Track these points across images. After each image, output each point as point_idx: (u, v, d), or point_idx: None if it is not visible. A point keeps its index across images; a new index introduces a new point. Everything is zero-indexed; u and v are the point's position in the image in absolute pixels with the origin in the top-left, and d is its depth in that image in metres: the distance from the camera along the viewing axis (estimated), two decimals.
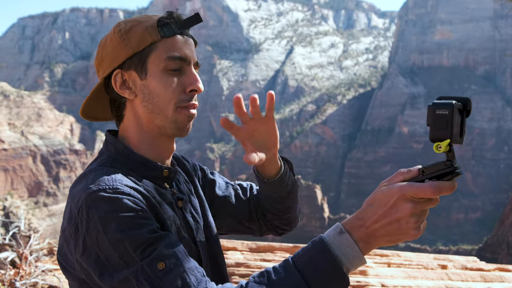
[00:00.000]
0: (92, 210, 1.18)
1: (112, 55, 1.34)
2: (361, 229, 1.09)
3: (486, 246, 60.69)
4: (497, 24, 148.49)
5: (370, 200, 1.10)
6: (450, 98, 1.09)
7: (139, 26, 1.34)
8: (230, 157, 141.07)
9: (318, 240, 1.13)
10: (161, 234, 1.20)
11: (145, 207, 1.23)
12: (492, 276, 5.93)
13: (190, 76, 1.35)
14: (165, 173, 1.38)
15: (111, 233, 1.16)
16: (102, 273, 1.18)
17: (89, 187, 1.22)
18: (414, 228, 1.06)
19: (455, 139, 1.06)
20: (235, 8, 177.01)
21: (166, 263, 1.15)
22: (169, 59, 1.32)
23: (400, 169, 1.11)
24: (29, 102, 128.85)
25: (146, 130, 1.37)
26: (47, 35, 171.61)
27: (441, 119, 1.04)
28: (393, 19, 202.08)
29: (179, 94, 1.33)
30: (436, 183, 1.04)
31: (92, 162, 1.38)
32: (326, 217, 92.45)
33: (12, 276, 4.87)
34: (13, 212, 71.86)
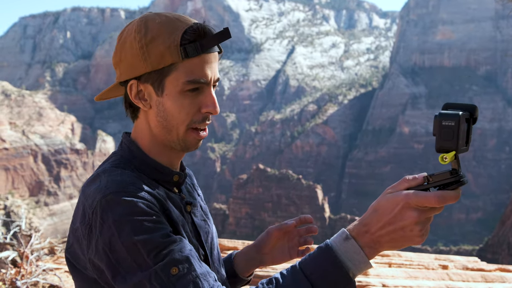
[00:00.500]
0: (106, 213, 1.19)
1: (130, 64, 1.31)
2: (366, 235, 1.11)
3: (487, 247, 60.68)
4: (499, 25, 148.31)
5: (375, 206, 1.11)
6: (457, 105, 1.08)
7: (161, 40, 1.27)
8: (231, 157, 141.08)
9: (324, 246, 1.14)
10: (174, 239, 1.20)
11: (159, 211, 1.23)
12: (493, 277, 5.93)
13: (208, 97, 1.32)
14: (175, 178, 1.39)
15: (125, 236, 1.17)
16: (114, 275, 1.18)
17: (104, 189, 1.22)
18: (419, 236, 1.08)
19: (460, 148, 1.06)
20: (236, 8, 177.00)
21: (179, 268, 1.16)
22: (188, 83, 1.29)
23: (405, 176, 1.11)
24: (30, 102, 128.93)
25: (157, 140, 1.37)
26: (48, 34, 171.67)
27: (447, 130, 1.04)
28: (394, 19, 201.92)
29: (193, 115, 1.32)
30: (441, 192, 1.05)
31: (104, 161, 1.39)
32: (327, 217, 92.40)
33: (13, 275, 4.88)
34: (14, 211, 71.93)
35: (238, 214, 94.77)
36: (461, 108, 1.07)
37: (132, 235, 1.16)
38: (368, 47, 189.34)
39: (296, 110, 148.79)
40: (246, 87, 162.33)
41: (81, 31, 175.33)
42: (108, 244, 1.18)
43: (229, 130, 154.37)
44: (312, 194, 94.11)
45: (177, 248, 1.19)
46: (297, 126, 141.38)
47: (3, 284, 4.74)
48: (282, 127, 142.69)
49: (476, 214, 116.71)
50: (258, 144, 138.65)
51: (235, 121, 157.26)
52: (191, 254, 1.20)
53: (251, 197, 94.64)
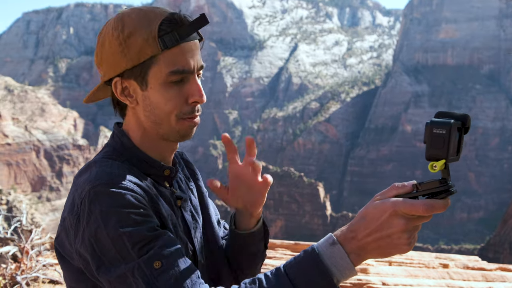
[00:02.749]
0: (94, 203, 1.19)
1: (111, 62, 1.31)
2: (353, 242, 1.10)
3: (488, 246, 60.60)
4: (502, 23, 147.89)
5: (363, 213, 1.11)
6: (449, 115, 1.07)
7: (138, 34, 1.27)
8: None
9: (310, 250, 1.13)
10: (160, 232, 1.20)
11: (147, 204, 1.23)
12: (494, 276, 5.91)
13: (193, 86, 1.31)
14: (166, 172, 1.38)
15: (111, 227, 1.17)
16: (98, 266, 1.19)
17: (93, 180, 1.22)
18: (406, 244, 1.08)
19: (451, 157, 1.05)
20: (240, 5, 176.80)
21: (162, 263, 1.16)
22: (171, 74, 1.28)
23: (394, 183, 1.11)
24: (33, 97, 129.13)
25: (149, 134, 1.37)
26: (51, 30, 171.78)
27: (438, 138, 1.04)
28: (398, 17, 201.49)
29: (181, 106, 1.31)
30: (429, 201, 1.05)
31: (98, 153, 1.39)
32: (329, 215, 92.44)
33: (14, 270, 4.88)
34: (16, 206, 72.09)
35: None
36: (453, 117, 1.07)
37: (118, 227, 1.17)
38: (371, 45, 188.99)
39: (299, 107, 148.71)
40: (249, 84, 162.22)
41: (84, 27, 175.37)
42: (94, 235, 1.18)
43: (231, 127, 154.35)
44: (314, 192, 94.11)
45: (162, 242, 1.18)
46: (300, 124, 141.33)
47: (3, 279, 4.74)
48: (285, 125, 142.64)
49: (478, 213, 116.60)
50: (260, 142, 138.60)
51: (238, 118, 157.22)
52: (176, 250, 1.20)
53: None
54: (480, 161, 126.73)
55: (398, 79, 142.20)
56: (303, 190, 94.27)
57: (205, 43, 18.94)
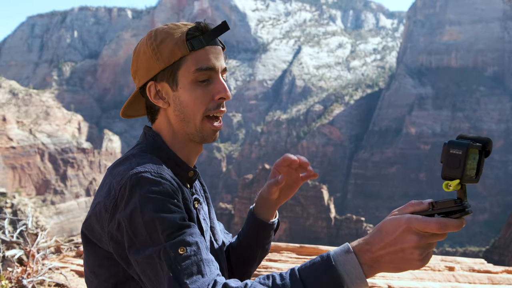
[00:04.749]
0: (135, 188, 1.28)
1: (146, 67, 1.45)
2: (367, 253, 1.13)
3: (493, 248, 60.41)
4: (506, 25, 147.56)
5: (380, 227, 1.13)
6: (469, 138, 1.07)
7: (169, 39, 1.43)
8: (237, 156, 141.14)
9: (326, 255, 1.16)
10: (189, 224, 1.29)
11: (180, 197, 1.33)
12: (500, 279, 5.90)
13: (218, 84, 1.45)
14: (190, 174, 1.50)
15: (147, 211, 1.25)
16: (130, 246, 1.27)
17: (134, 168, 1.33)
18: (418, 260, 1.09)
19: (468, 179, 1.05)
20: (243, 8, 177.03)
21: (187, 249, 1.23)
22: (198, 71, 1.42)
23: (411, 201, 1.13)
24: (38, 101, 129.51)
25: (177, 135, 1.49)
26: (55, 33, 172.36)
27: (454, 158, 1.04)
28: (401, 19, 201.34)
29: (208, 103, 1.44)
30: (443, 220, 1.06)
31: (129, 150, 1.49)
32: (333, 218, 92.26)
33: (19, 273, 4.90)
34: (21, 209, 72.27)
35: (244, 214, 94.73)
36: (475, 140, 1.07)
37: (152, 212, 1.25)
38: (374, 47, 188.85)
39: (302, 110, 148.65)
40: (253, 87, 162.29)
41: (88, 31, 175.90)
42: (129, 217, 1.26)
43: (235, 130, 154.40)
44: (318, 194, 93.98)
45: (189, 231, 1.27)
46: (303, 126, 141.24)
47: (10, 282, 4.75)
48: (288, 127, 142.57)
49: (483, 215, 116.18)
50: (264, 144, 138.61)
51: (241, 121, 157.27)
52: (200, 241, 1.28)
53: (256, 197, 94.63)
54: (485, 163, 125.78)
55: (402, 82, 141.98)
56: (307, 192, 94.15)
57: None
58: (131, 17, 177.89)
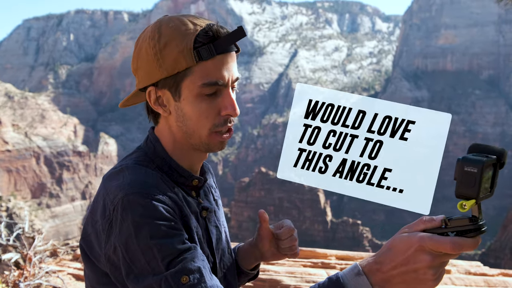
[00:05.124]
0: (127, 212, 1.19)
1: (147, 71, 1.31)
2: (378, 274, 1.09)
3: (489, 251, 60.54)
4: (502, 29, 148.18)
5: (390, 245, 1.09)
6: (485, 148, 1.04)
7: (174, 44, 1.26)
8: (233, 160, 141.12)
9: (335, 279, 1.12)
10: (189, 246, 1.21)
11: (177, 217, 1.24)
12: (496, 281, 5.91)
13: (226, 99, 1.30)
14: (194, 183, 1.39)
15: (142, 238, 1.18)
16: (128, 273, 1.20)
17: (126, 187, 1.22)
18: (432, 280, 1.06)
19: (483, 196, 1.02)
20: (239, 11, 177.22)
21: (190, 278, 1.16)
22: (204, 86, 1.27)
23: (423, 216, 1.09)
24: (33, 104, 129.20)
25: (180, 143, 1.37)
26: (51, 36, 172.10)
27: (469, 177, 1.00)
28: (397, 23, 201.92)
29: (214, 119, 1.30)
30: (458, 240, 1.02)
31: (128, 155, 1.39)
32: (329, 221, 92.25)
33: (16, 277, 4.89)
34: (16, 213, 71.97)
35: (240, 217, 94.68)
36: (489, 152, 1.03)
37: (148, 238, 1.17)
38: (370, 51, 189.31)
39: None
40: (249, 90, 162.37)
41: (84, 34, 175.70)
42: (125, 243, 1.19)
43: None
44: (314, 197, 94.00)
45: (190, 256, 1.19)
46: None
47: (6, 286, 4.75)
48: (285, 131, 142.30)
49: None
50: (261, 147, 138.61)
51: (238, 124, 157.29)
52: (203, 265, 1.20)
53: (253, 200, 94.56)
54: None
55: (397, 85, 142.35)
56: (304, 196, 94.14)
57: None
58: (127, 20, 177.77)
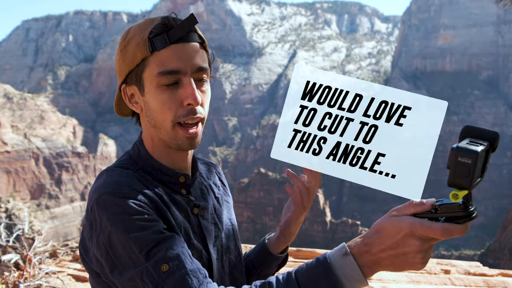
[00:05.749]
0: (102, 211, 1.23)
1: (119, 68, 1.36)
2: (366, 255, 1.10)
3: (488, 252, 60.54)
4: (500, 29, 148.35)
5: (379, 227, 1.10)
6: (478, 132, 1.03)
7: (134, 39, 1.31)
8: (233, 160, 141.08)
9: (322, 258, 1.13)
10: (167, 235, 1.22)
11: (151, 210, 1.25)
12: (495, 282, 5.92)
13: (186, 89, 1.30)
14: (181, 179, 1.40)
15: (119, 233, 1.21)
16: (112, 269, 1.23)
17: (100, 188, 1.26)
18: (420, 262, 1.07)
19: (476, 184, 1.02)
20: (238, 12, 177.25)
21: (169, 265, 1.18)
22: (160, 75, 1.28)
23: (412, 200, 1.10)
24: (32, 105, 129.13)
25: (157, 141, 1.39)
26: (50, 37, 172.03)
27: (462, 167, 1.00)
28: (396, 23, 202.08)
29: (176, 110, 1.30)
30: (448, 226, 1.03)
31: (117, 159, 1.44)
32: (328, 221, 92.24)
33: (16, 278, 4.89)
34: (15, 214, 71.91)
35: (240, 218, 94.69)
36: (482, 137, 1.02)
37: (125, 233, 1.20)
38: (369, 51, 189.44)
39: None
40: (248, 91, 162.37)
41: (83, 35, 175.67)
42: (107, 240, 1.22)
43: (231, 134, 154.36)
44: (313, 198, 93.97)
45: (168, 245, 1.21)
46: None
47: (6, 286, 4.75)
48: None
49: (478, 219, 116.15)
50: (260, 148, 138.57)
51: (237, 125, 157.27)
52: (182, 251, 1.22)
53: (252, 201, 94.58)
54: None
55: (396, 86, 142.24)
56: None
57: None
58: (126, 21, 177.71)
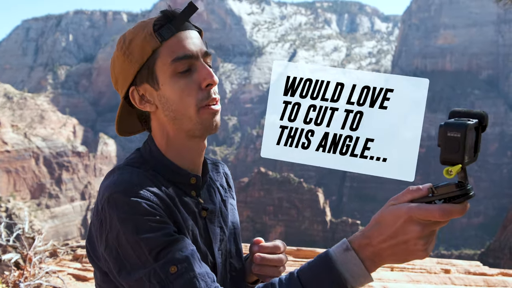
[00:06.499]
0: (112, 210, 1.22)
1: (123, 74, 1.35)
2: (367, 248, 1.08)
3: (488, 251, 60.53)
4: (501, 29, 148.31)
5: (378, 218, 1.08)
6: (464, 113, 1.03)
7: (137, 37, 1.32)
8: (233, 160, 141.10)
9: (324, 255, 1.11)
10: (177, 238, 1.22)
11: (163, 212, 1.24)
12: (495, 281, 5.92)
13: (202, 71, 1.32)
14: (192, 181, 1.39)
15: (129, 233, 1.20)
16: (120, 269, 1.22)
17: (112, 186, 1.25)
18: (422, 250, 1.05)
19: (468, 161, 1.01)
20: (239, 11, 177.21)
21: (178, 267, 1.17)
22: (175, 62, 1.30)
23: (409, 186, 1.08)
24: (32, 104, 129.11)
25: (173, 138, 1.37)
26: (50, 37, 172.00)
27: (452, 142, 0.99)
28: (396, 23, 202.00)
29: (197, 94, 1.31)
30: (446, 206, 1.01)
31: (127, 157, 1.42)
32: (328, 221, 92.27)
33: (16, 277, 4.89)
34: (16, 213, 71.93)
35: (240, 218, 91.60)
36: (469, 116, 1.02)
37: (135, 233, 1.19)
38: (370, 51, 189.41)
39: None
40: (248, 90, 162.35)
41: (83, 34, 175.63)
42: (116, 239, 1.21)
43: (231, 133, 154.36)
44: (314, 197, 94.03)
45: (178, 247, 1.20)
46: None
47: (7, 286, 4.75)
48: None
49: (478, 218, 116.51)
50: (260, 148, 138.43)
51: (237, 124, 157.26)
52: (191, 254, 1.21)
53: (252, 201, 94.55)
54: (480, 166, 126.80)
55: None
56: (303, 196, 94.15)
57: None
58: (126, 21, 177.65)
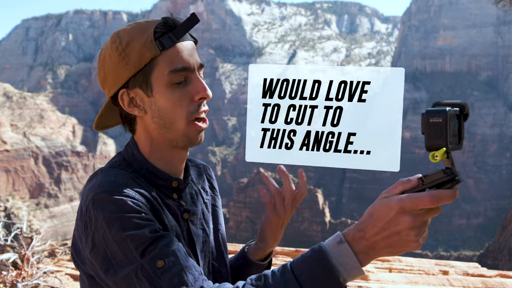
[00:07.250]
0: (97, 210, 1.22)
1: (114, 74, 1.33)
2: (361, 241, 1.09)
3: (487, 252, 60.58)
4: (500, 30, 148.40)
5: (371, 211, 1.09)
6: (445, 104, 1.06)
7: (136, 41, 1.30)
8: (232, 160, 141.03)
9: (317, 248, 1.12)
10: (162, 234, 1.23)
11: (148, 210, 1.26)
12: (494, 283, 5.92)
13: (197, 84, 1.33)
14: (174, 184, 1.39)
15: (115, 232, 1.20)
16: (107, 269, 1.22)
17: (96, 187, 1.26)
18: (415, 241, 1.06)
19: (452, 146, 1.04)
20: (239, 12, 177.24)
21: (165, 262, 1.18)
22: (172, 73, 1.30)
23: (400, 179, 1.10)
24: (32, 104, 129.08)
25: (157, 143, 1.38)
26: (50, 36, 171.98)
27: (435, 127, 1.02)
28: (396, 24, 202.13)
29: (188, 106, 1.32)
30: (435, 192, 1.03)
31: (109, 161, 1.43)
32: (327, 222, 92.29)
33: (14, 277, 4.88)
34: (14, 213, 71.89)
35: (239, 218, 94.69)
36: (451, 105, 1.06)
37: (121, 231, 1.20)
38: (369, 51, 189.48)
39: None
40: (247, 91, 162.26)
41: (83, 34, 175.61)
42: (103, 239, 1.21)
43: (230, 134, 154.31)
44: (313, 198, 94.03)
45: (164, 242, 1.21)
46: None
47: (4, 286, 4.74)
48: None
49: (477, 219, 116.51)
50: None
51: (236, 124, 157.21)
52: (177, 249, 1.22)
53: (251, 201, 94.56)
54: (479, 168, 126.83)
55: None
56: None
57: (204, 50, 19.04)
58: (126, 21, 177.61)
